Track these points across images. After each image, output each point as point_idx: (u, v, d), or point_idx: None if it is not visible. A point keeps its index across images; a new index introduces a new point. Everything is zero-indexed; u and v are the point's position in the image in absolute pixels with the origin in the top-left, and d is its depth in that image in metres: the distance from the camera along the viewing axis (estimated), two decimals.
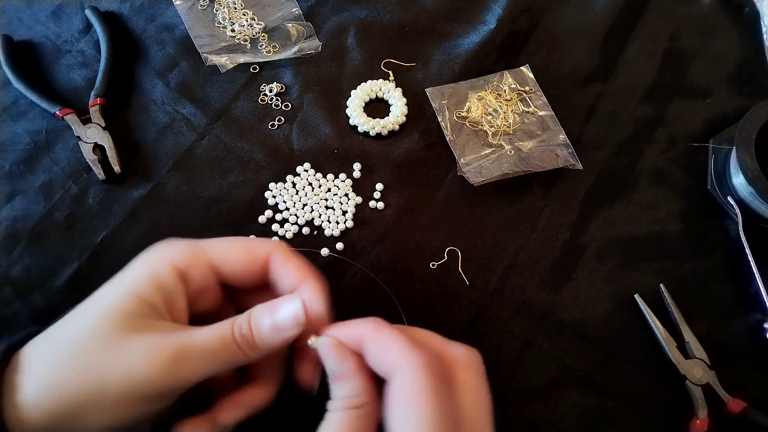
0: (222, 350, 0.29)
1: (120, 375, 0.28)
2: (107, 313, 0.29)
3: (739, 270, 0.48)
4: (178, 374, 0.28)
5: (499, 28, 0.58)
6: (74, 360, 0.28)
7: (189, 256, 0.32)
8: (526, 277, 0.48)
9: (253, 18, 0.58)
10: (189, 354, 0.28)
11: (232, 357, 0.30)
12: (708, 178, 0.52)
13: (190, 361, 0.28)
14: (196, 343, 0.29)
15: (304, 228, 0.48)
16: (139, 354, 0.28)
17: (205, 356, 0.29)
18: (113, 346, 0.28)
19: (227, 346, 0.29)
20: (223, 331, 0.30)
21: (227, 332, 0.30)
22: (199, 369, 0.29)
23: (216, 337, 0.29)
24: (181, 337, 0.29)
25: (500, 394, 0.44)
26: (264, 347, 0.30)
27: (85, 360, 0.28)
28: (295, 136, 0.53)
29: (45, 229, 0.47)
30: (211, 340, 0.29)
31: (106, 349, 0.28)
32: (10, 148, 0.50)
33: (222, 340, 0.29)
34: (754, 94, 0.56)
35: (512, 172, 0.50)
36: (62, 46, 0.56)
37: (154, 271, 0.30)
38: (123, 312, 0.29)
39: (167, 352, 0.28)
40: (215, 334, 0.30)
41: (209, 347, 0.29)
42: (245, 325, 0.30)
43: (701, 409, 0.42)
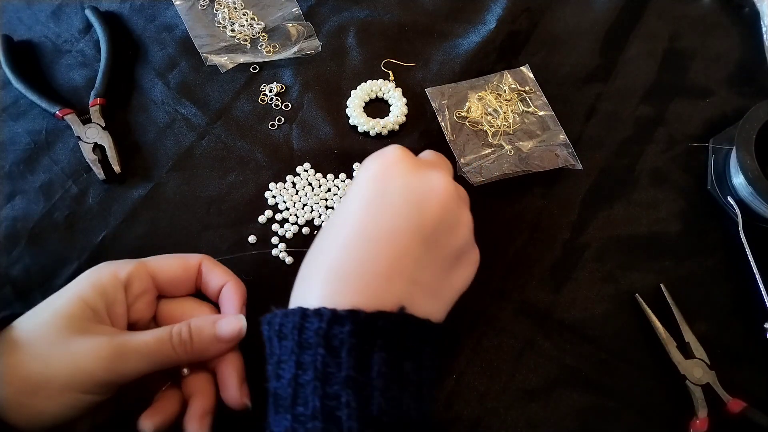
0: (158, 351, 0.34)
1: (65, 367, 0.32)
2: (56, 314, 0.34)
3: (739, 270, 0.48)
4: (118, 369, 0.33)
5: (499, 28, 0.58)
6: (27, 352, 0.32)
7: (132, 267, 0.37)
8: (526, 277, 0.48)
9: (253, 18, 0.58)
10: (128, 352, 0.33)
11: (166, 359, 0.34)
12: (708, 178, 0.52)
13: (128, 358, 0.33)
14: (135, 343, 0.34)
15: (304, 228, 0.48)
16: (83, 350, 0.32)
17: (142, 355, 0.33)
18: (61, 342, 0.32)
19: (163, 348, 0.34)
20: (161, 335, 0.35)
21: (165, 336, 0.35)
22: (137, 366, 0.33)
23: (154, 339, 0.34)
24: (121, 337, 0.34)
25: (500, 394, 0.44)
26: (199, 353, 0.35)
27: (36, 353, 0.32)
28: (295, 136, 0.53)
29: (45, 229, 0.47)
30: (147, 343, 0.34)
31: (54, 345, 0.32)
32: (10, 148, 0.50)
33: (159, 342, 0.34)
34: (754, 94, 0.56)
35: (512, 172, 0.50)
36: (62, 46, 0.56)
37: (99, 279, 0.36)
38: (70, 314, 0.34)
39: (109, 349, 0.32)
40: (153, 336, 0.34)
41: (147, 347, 0.34)
42: (185, 331, 0.35)
43: (701, 409, 0.42)
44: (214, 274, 0.40)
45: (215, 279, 0.40)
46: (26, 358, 0.32)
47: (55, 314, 0.34)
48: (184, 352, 0.35)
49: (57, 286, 0.45)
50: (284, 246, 0.48)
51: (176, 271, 0.39)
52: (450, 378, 0.44)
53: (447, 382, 0.44)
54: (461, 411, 0.43)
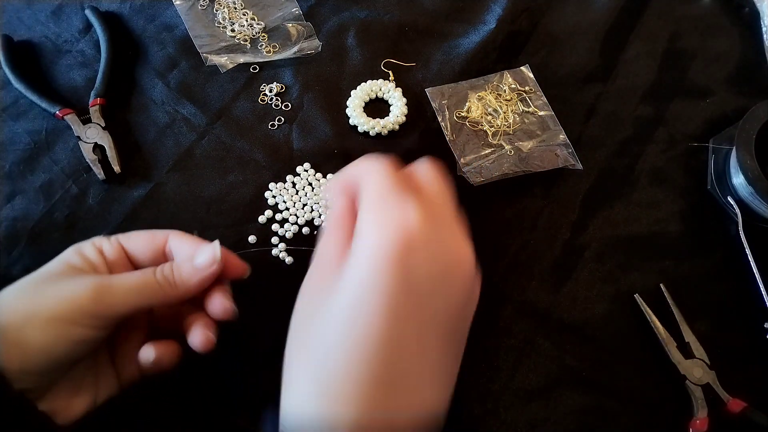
0: (143, 287, 0.35)
1: (51, 301, 0.33)
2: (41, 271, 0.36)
3: (739, 270, 0.48)
4: (104, 300, 0.34)
5: (499, 28, 0.58)
6: (17, 295, 0.34)
7: (103, 240, 0.39)
8: (526, 277, 0.48)
9: (253, 18, 0.58)
10: (114, 285, 0.34)
11: (153, 294, 0.36)
12: (708, 178, 0.52)
13: (115, 291, 0.34)
14: (120, 279, 0.35)
15: (304, 228, 0.48)
16: (68, 286, 0.34)
17: (127, 290, 0.35)
18: (47, 283, 0.35)
19: (149, 285, 0.35)
20: (146, 273, 0.36)
21: (149, 273, 0.36)
22: (123, 300, 0.34)
23: (139, 276, 0.36)
24: (104, 276, 0.36)
25: (500, 394, 0.44)
26: (183, 287, 0.36)
27: (25, 293, 0.34)
28: (295, 136, 0.53)
29: (45, 229, 0.47)
30: (133, 278, 0.36)
31: (40, 285, 0.35)
32: (10, 148, 0.50)
33: (144, 279, 0.36)
34: (754, 94, 0.56)
35: (512, 172, 0.50)
36: (62, 46, 0.56)
37: (78, 247, 0.38)
38: (54, 269, 0.36)
39: (94, 282, 0.34)
40: (137, 274, 0.36)
41: (131, 283, 0.35)
42: (167, 268, 0.37)
43: (701, 409, 0.42)
44: (182, 244, 0.39)
45: (183, 249, 0.39)
46: (12, 299, 0.34)
47: (41, 271, 0.36)
48: (168, 286, 0.36)
49: None
50: (284, 246, 0.48)
51: (143, 244, 0.39)
52: None
53: None
54: (461, 411, 0.43)
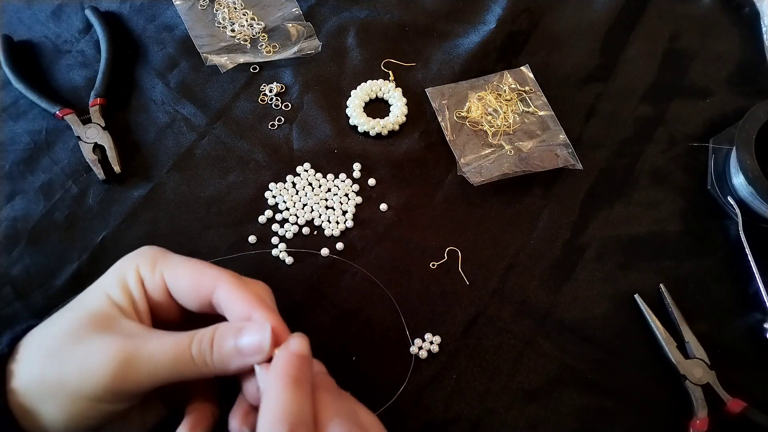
0: (174, 361, 0.30)
1: (75, 372, 0.29)
2: (82, 311, 0.31)
3: (739, 270, 0.48)
4: (127, 376, 0.29)
5: (499, 28, 0.58)
6: (47, 355, 0.30)
7: (149, 270, 0.33)
8: (526, 277, 0.48)
9: (253, 18, 0.58)
10: (140, 357, 0.29)
11: (184, 369, 0.30)
12: (708, 178, 0.52)
13: (140, 365, 0.29)
14: (150, 348, 0.30)
15: (304, 228, 0.48)
16: (93, 350, 0.29)
17: (154, 365, 0.30)
18: (76, 343, 0.30)
19: (180, 358, 0.30)
20: (180, 343, 0.30)
21: (184, 345, 0.30)
22: (148, 376, 0.30)
23: (171, 347, 0.30)
24: (138, 340, 0.30)
25: (500, 394, 0.44)
26: (220, 367, 0.31)
27: (54, 355, 0.30)
28: (295, 136, 0.53)
29: (45, 229, 0.47)
30: (164, 350, 0.30)
31: (69, 346, 0.30)
32: (10, 148, 0.50)
33: (176, 351, 0.30)
34: (754, 94, 0.56)
35: (512, 172, 0.50)
36: (62, 46, 0.56)
37: (122, 276, 0.33)
38: (94, 309, 0.31)
39: (118, 351, 0.29)
40: (170, 344, 0.30)
41: (161, 356, 0.30)
42: (206, 342, 0.31)
43: (701, 409, 0.42)
44: (232, 306, 0.32)
45: (233, 312, 0.32)
46: (42, 365, 0.30)
47: (80, 311, 0.31)
48: (203, 364, 0.30)
49: (57, 286, 0.45)
50: (284, 246, 0.47)
51: (188, 285, 0.33)
52: (450, 378, 0.44)
53: (447, 382, 0.44)
54: (461, 411, 0.43)
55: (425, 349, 0.45)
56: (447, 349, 0.45)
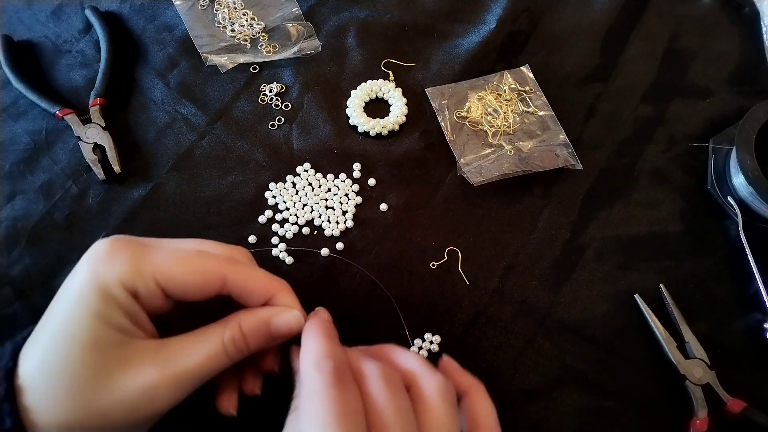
0: (213, 365, 0.31)
1: (121, 411, 0.28)
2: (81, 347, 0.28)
3: (739, 270, 0.48)
4: (178, 397, 0.30)
5: (499, 28, 0.58)
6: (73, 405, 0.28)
7: (135, 276, 0.30)
8: (526, 277, 0.48)
9: (253, 18, 0.58)
10: (183, 379, 0.30)
11: (221, 366, 0.31)
12: (708, 178, 0.52)
13: (185, 385, 0.30)
14: (187, 369, 0.30)
15: (304, 228, 0.48)
16: (135, 392, 0.29)
17: (197, 376, 0.30)
18: (105, 383, 0.28)
19: (218, 359, 0.31)
20: (213, 348, 0.31)
21: (218, 349, 0.31)
22: (194, 386, 0.31)
23: (206, 356, 0.31)
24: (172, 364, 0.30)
25: (500, 394, 0.44)
26: (254, 351, 0.33)
27: (84, 402, 0.28)
28: (295, 136, 0.53)
29: (45, 229, 0.47)
30: (202, 362, 0.30)
31: (100, 387, 0.28)
32: (10, 148, 0.50)
33: (212, 357, 0.31)
34: (754, 94, 0.56)
35: (512, 172, 0.50)
36: (62, 46, 0.56)
37: (107, 292, 0.29)
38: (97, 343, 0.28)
39: (164, 385, 0.29)
40: (206, 354, 0.31)
41: (203, 368, 0.30)
42: (239, 338, 0.31)
43: (701, 409, 0.42)
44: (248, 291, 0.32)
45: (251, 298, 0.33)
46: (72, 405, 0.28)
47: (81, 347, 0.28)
48: (239, 355, 0.32)
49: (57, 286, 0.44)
50: (284, 246, 0.47)
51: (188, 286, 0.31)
52: None
53: None
54: None
55: (425, 349, 0.45)
56: (447, 349, 0.45)
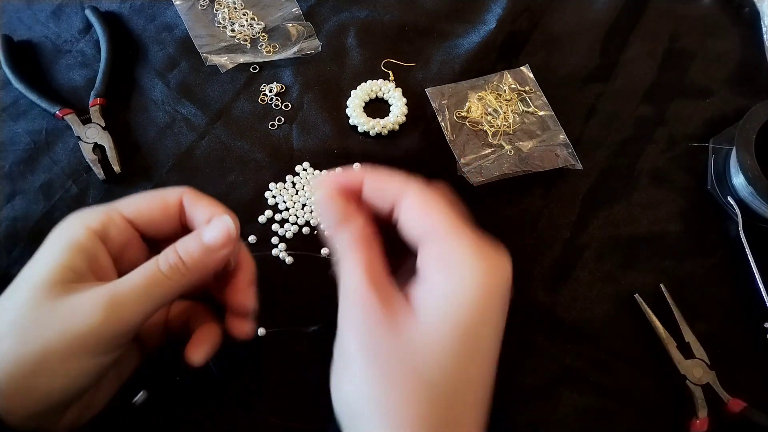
0: (153, 286, 0.30)
1: (60, 332, 0.28)
2: (35, 286, 0.30)
3: (739, 270, 0.48)
4: (118, 318, 0.29)
5: (499, 28, 0.58)
6: (12, 333, 0.29)
7: (103, 216, 0.32)
8: (526, 277, 0.48)
9: (253, 18, 0.58)
10: (121, 296, 0.30)
11: (164, 290, 0.31)
12: (708, 178, 0.52)
13: (125, 303, 0.29)
14: (125, 287, 0.30)
15: (304, 228, 0.48)
16: (74, 309, 0.29)
17: (137, 296, 0.30)
18: (47, 309, 0.29)
19: (157, 281, 0.30)
20: (149, 269, 0.31)
21: (153, 268, 0.31)
22: (137, 310, 0.30)
23: (143, 275, 0.30)
24: (109, 285, 0.30)
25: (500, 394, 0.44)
26: (196, 271, 0.31)
27: (22, 330, 0.29)
28: (295, 136, 0.53)
29: (45, 229, 0.46)
30: (139, 280, 0.30)
31: (40, 315, 0.29)
32: (10, 148, 0.50)
33: (150, 276, 0.30)
34: (754, 94, 0.56)
35: (512, 172, 0.50)
36: (62, 46, 0.56)
37: (72, 238, 0.31)
38: (50, 281, 0.30)
39: (100, 299, 0.29)
40: (141, 273, 0.31)
41: (139, 286, 0.30)
42: (172, 255, 0.31)
43: (701, 409, 0.42)
44: (198, 209, 0.34)
45: (200, 214, 0.34)
46: (11, 344, 0.28)
47: (33, 287, 0.30)
48: (181, 277, 0.31)
49: None
50: (284, 246, 0.47)
51: (154, 213, 0.34)
52: None
53: None
54: None
55: None
56: None
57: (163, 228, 0.35)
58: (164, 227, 0.35)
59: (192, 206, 0.35)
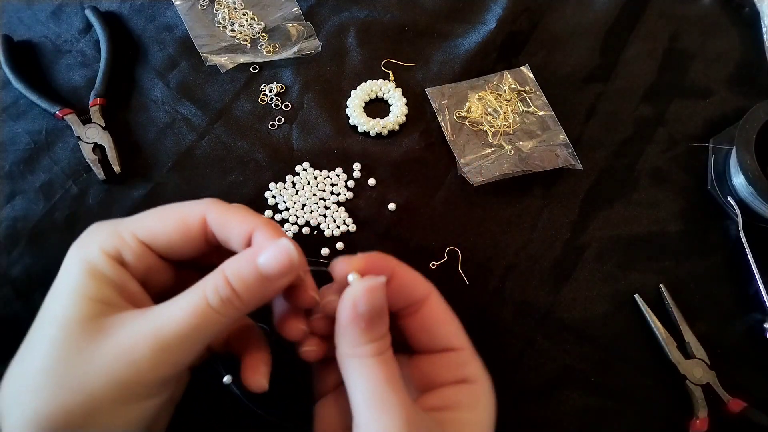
0: (203, 324, 0.26)
1: (104, 380, 0.25)
2: (65, 325, 0.26)
3: (739, 270, 0.48)
4: (166, 363, 0.26)
5: (499, 28, 0.58)
6: (48, 384, 0.25)
7: (116, 239, 0.28)
8: (526, 277, 0.48)
9: (253, 18, 0.58)
10: (168, 340, 0.25)
11: (216, 327, 0.26)
12: (708, 178, 0.52)
13: (172, 348, 0.26)
14: (171, 327, 0.26)
15: (304, 228, 0.48)
16: (116, 354, 0.25)
17: (186, 336, 0.26)
18: (85, 353, 0.25)
19: (207, 318, 0.26)
20: (196, 303, 0.26)
21: (201, 304, 0.26)
22: (186, 350, 0.26)
23: (189, 312, 0.26)
24: (151, 321, 0.26)
25: (500, 394, 0.44)
26: (251, 304, 0.27)
27: (61, 379, 0.25)
28: (295, 136, 0.53)
29: (45, 229, 0.47)
30: (185, 318, 0.26)
31: (78, 360, 0.25)
32: (10, 148, 0.50)
33: (199, 314, 0.26)
34: (754, 94, 0.56)
35: (512, 172, 0.50)
36: (62, 46, 0.56)
37: (91, 266, 0.27)
38: (81, 318, 0.26)
39: (144, 343, 0.25)
40: (187, 308, 0.26)
41: (187, 326, 0.26)
42: (222, 285, 0.26)
43: (701, 409, 0.42)
44: (230, 225, 0.29)
45: (235, 230, 0.29)
46: (53, 391, 0.25)
47: (65, 327, 0.26)
48: (235, 312, 0.27)
49: None
50: None
51: (173, 237, 0.29)
52: None
53: None
54: None
55: None
56: None
57: (184, 251, 0.30)
58: (186, 250, 0.30)
59: (221, 224, 0.29)
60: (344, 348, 0.27)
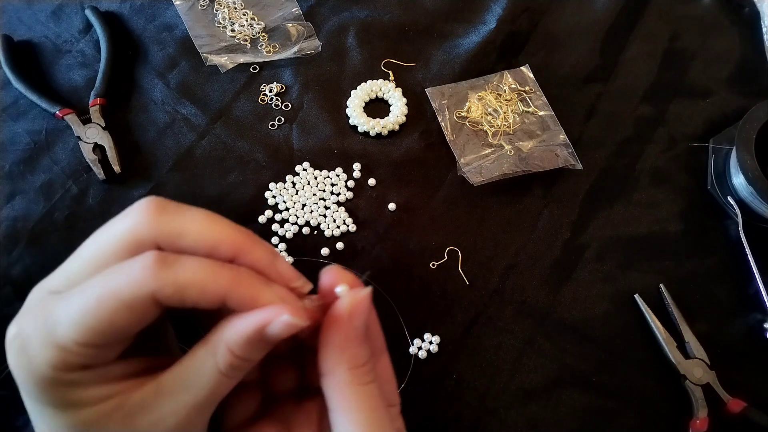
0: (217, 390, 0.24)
1: None
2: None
3: (739, 270, 0.48)
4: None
5: (499, 28, 0.58)
6: None
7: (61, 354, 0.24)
8: (526, 277, 0.48)
9: (253, 18, 0.58)
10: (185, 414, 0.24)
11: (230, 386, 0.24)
12: (708, 178, 0.52)
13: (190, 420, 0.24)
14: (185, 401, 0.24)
15: (304, 228, 0.48)
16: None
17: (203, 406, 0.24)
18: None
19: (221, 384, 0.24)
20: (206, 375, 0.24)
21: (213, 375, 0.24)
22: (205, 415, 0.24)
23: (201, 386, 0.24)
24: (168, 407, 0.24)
25: (500, 394, 0.44)
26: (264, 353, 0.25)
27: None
28: (295, 136, 0.53)
29: (45, 229, 0.47)
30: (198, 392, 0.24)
31: None
32: (10, 148, 0.50)
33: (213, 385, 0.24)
34: (754, 94, 0.56)
35: (512, 172, 0.50)
36: (62, 46, 0.56)
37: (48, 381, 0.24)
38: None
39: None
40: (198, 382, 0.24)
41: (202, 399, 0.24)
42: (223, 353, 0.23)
43: (701, 409, 0.42)
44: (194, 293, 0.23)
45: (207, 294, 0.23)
46: None
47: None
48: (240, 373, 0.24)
49: None
50: (284, 246, 0.47)
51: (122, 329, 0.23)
52: (450, 378, 0.44)
53: (447, 382, 0.44)
54: (461, 411, 0.43)
55: (425, 350, 0.45)
56: (447, 350, 0.45)
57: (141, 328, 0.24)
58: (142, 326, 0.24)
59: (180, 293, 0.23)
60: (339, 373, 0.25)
